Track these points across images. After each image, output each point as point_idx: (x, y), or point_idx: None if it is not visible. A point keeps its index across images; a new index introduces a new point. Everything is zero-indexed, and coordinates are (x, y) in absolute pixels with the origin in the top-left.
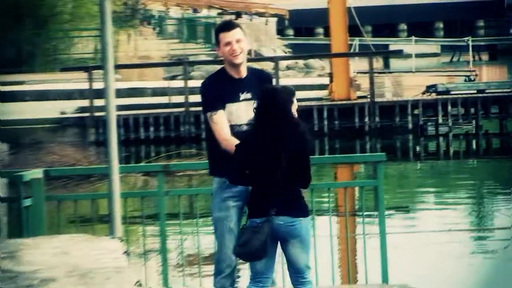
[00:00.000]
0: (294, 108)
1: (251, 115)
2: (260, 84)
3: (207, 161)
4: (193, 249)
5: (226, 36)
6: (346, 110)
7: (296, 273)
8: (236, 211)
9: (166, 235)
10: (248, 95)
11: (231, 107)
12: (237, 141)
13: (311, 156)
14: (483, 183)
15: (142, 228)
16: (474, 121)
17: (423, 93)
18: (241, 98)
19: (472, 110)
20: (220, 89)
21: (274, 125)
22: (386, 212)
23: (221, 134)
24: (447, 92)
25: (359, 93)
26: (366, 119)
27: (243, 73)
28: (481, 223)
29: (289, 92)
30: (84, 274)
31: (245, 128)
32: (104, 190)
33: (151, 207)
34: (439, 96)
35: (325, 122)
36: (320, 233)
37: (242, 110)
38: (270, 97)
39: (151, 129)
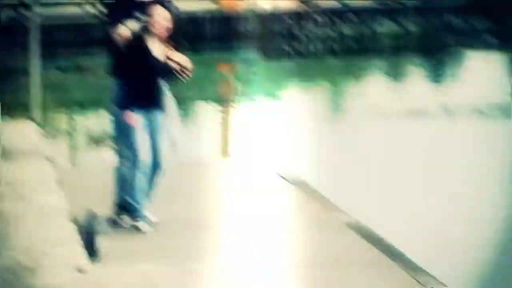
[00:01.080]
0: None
1: None
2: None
3: None
4: (97, 132)
5: None
6: (229, 18)
7: None
8: None
9: (75, 120)
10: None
11: (127, 24)
12: None
13: None
14: (338, 76)
15: (56, 114)
16: (335, 27)
17: (297, 4)
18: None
19: (335, 18)
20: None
21: None
22: (262, 98)
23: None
24: (316, 5)
25: (243, 5)
26: (246, 26)
27: None
28: (336, 104)
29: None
30: (7, 152)
31: None
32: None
33: (65, 97)
34: (309, 8)
35: (213, 28)
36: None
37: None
38: None
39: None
